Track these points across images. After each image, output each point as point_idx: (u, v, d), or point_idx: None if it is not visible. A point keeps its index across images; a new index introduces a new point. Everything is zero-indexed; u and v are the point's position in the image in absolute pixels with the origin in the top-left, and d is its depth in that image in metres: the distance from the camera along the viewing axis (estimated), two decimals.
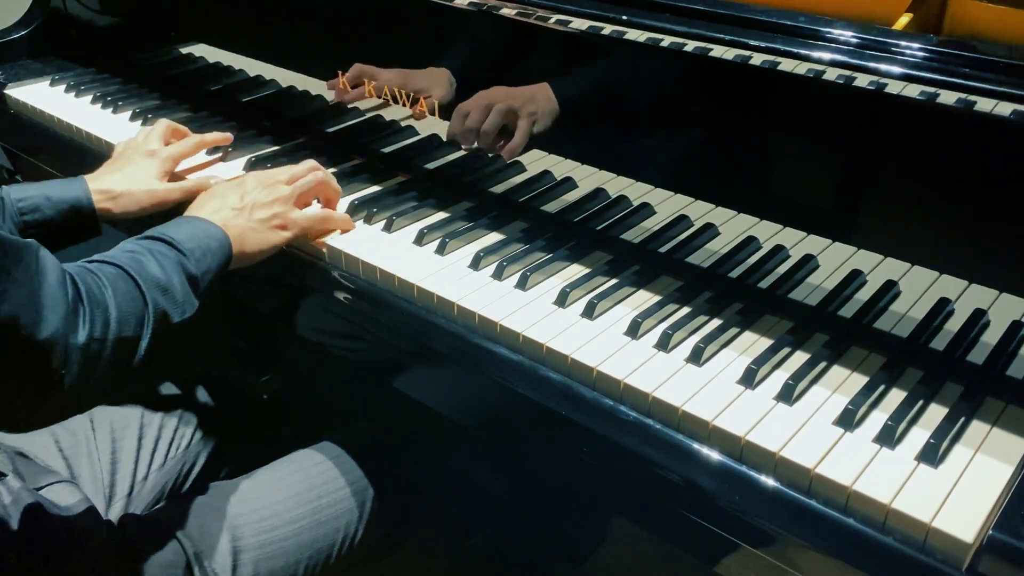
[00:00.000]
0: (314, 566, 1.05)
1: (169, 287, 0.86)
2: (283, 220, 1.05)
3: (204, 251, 0.93)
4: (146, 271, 0.86)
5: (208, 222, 0.98)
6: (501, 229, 1.11)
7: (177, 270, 0.89)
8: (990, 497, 0.71)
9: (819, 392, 0.83)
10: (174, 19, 1.66)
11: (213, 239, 0.96)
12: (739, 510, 0.77)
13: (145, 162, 1.20)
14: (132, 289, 0.83)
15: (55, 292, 0.75)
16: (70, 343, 0.75)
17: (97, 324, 0.78)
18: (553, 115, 1.15)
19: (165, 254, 0.89)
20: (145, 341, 0.82)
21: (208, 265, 0.93)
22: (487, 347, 0.93)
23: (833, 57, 0.89)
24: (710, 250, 1.04)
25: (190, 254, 0.91)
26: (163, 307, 0.85)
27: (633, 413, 0.84)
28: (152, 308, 0.84)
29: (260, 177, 1.08)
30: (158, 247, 0.90)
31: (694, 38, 0.98)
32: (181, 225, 0.96)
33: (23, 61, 1.72)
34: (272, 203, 1.04)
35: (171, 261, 0.89)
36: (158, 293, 0.85)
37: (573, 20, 1.06)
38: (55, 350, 0.74)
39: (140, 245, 0.90)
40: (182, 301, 0.87)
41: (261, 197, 1.04)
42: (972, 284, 0.91)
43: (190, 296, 0.89)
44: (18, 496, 0.93)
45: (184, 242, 0.92)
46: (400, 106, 1.30)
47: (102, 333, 0.78)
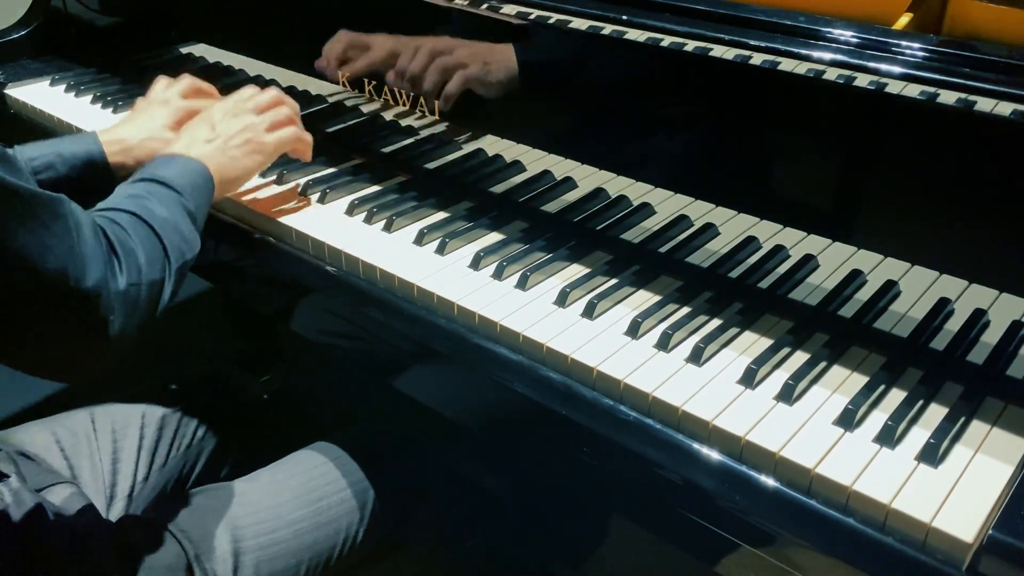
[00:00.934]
0: (315, 567, 1.05)
1: (178, 226, 0.90)
2: (257, 144, 1.07)
3: (193, 187, 0.97)
4: (155, 214, 0.89)
5: (188, 158, 1.01)
6: (501, 229, 1.10)
7: (179, 209, 0.92)
8: (990, 497, 0.71)
9: (819, 392, 0.83)
10: (174, 19, 1.66)
11: (197, 174, 0.99)
12: (739, 510, 0.77)
13: (158, 111, 1.20)
14: (150, 233, 0.87)
15: (92, 243, 0.77)
16: (112, 290, 0.78)
17: (132, 271, 0.81)
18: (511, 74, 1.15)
19: (164, 195, 0.92)
20: (169, 282, 0.87)
21: (199, 200, 0.97)
22: (487, 347, 0.93)
23: (833, 57, 0.89)
24: (710, 250, 1.04)
25: (184, 191, 0.95)
26: (178, 246, 0.89)
27: (633, 413, 0.84)
28: (170, 249, 0.88)
29: (224, 107, 1.10)
30: (156, 189, 0.93)
31: (694, 38, 0.98)
32: (168, 164, 0.99)
33: (23, 61, 1.72)
34: (243, 130, 1.07)
35: (172, 201, 0.92)
36: (171, 233, 0.89)
37: (573, 20, 1.06)
38: (101, 298, 0.77)
39: (139, 189, 0.93)
40: (190, 237, 0.92)
41: (232, 125, 1.07)
42: (972, 284, 0.91)
43: (194, 232, 0.93)
44: (20, 499, 0.93)
45: (175, 180, 0.95)
46: (400, 106, 1.30)
47: (137, 278, 0.82)
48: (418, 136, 1.30)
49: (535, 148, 1.20)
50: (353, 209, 1.14)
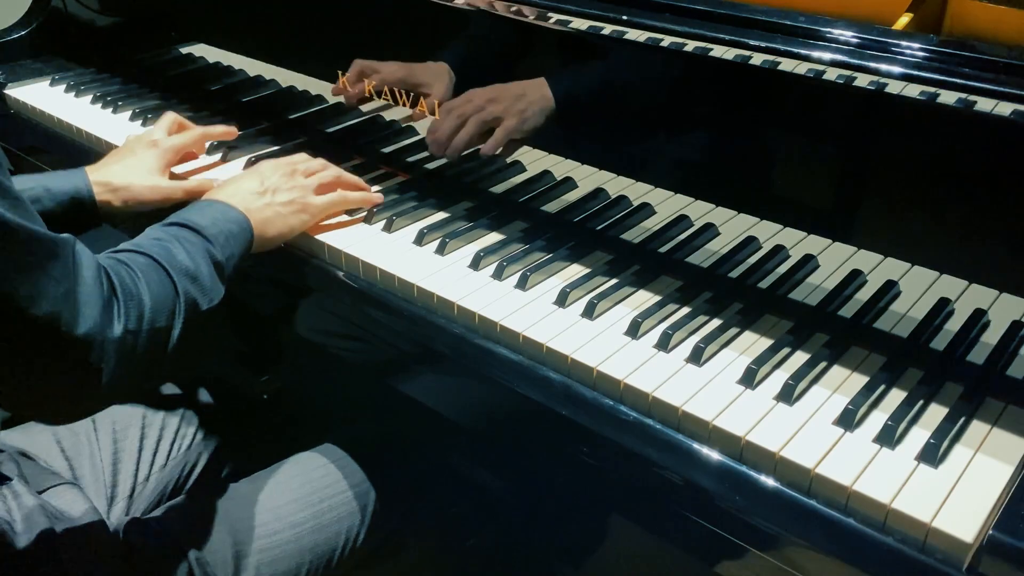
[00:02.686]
0: (316, 569, 1.05)
1: (198, 275, 0.87)
2: (303, 204, 1.06)
3: (227, 236, 0.94)
4: (175, 260, 0.86)
5: (228, 206, 0.98)
6: (501, 229, 1.10)
7: (204, 257, 0.89)
8: (990, 497, 0.71)
9: (819, 392, 0.83)
10: (174, 19, 1.66)
11: (235, 223, 0.96)
12: (739, 510, 0.77)
13: (146, 153, 1.20)
14: (164, 279, 0.84)
15: (91, 288, 0.75)
16: (107, 338, 0.76)
17: (132, 317, 0.79)
18: (547, 112, 1.14)
19: (191, 241, 0.90)
20: (177, 330, 0.83)
21: (232, 250, 0.94)
22: (487, 347, 0.93)
23: (833, 57, 0.89)
24: (710, 250, 1.04)
25: (214, 240, 0.92)
26: (193, 295, 0.86)
27: (633, 413, 0.84)
28: (183, 297, 0.84)
29: (276, 164, 1.09)
30: (184, 234, 0.91)
31: (694, 38, 0.98)
32: (204, 210, 0.96)
33: (23, 61, 1.72)
34: (292, 188, 1.06)
35: (198, 248, 0.89)
36: (188, 282, 0.86)
37: (573, 20, 1.06)
38: (93, 346, 0.74)
39: (166, 232, 0.91)
40: (210, 288, 0.88)
41: (281, 183, 1.06)
42: (972, 284, 0.91)
43: (217, 283, 0.90)
44: (22, 503, 0.93)
45: (208, 228, 0.92)
46: (400, 106, 1.30)
47: (136, 326, 0.79)
48: (418, 136, 1.30)
49: (535, 148, 1.20)
50: (353, 211, 1.14)
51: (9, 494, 0.93)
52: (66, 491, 1.00)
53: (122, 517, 1.07)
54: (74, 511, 0.97)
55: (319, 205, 1.08)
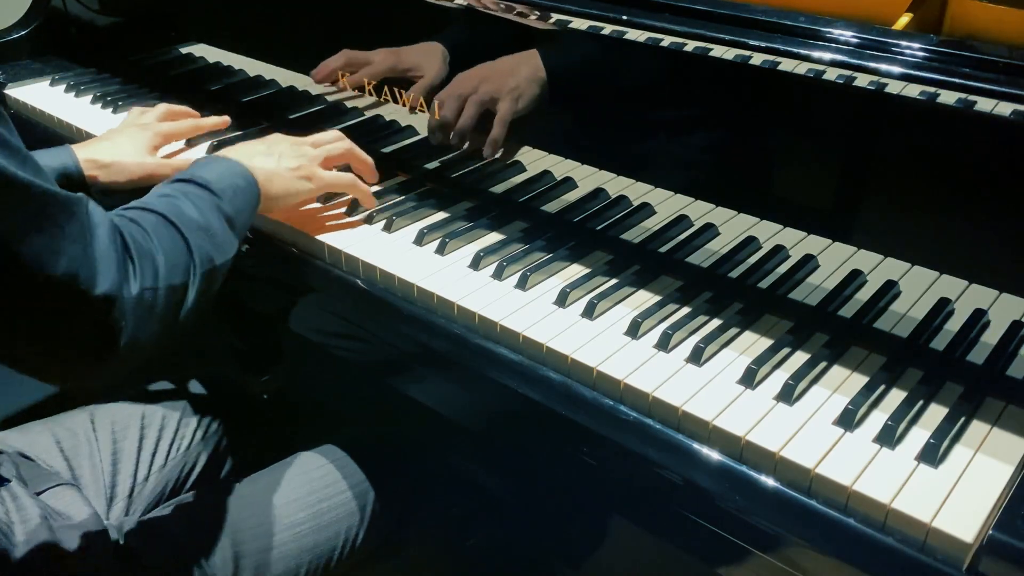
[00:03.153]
0: (315, 569, 1.05)
1: (209, 228, 0.87)
2: (309, 172, 1.06)
3: (235, 191, 0.94)
4: (185, 215, 0.85)
5: (235, 161, 0.98)
6: (501, 229, 1.10)
7: (214, 211, 0.89)
8: (990, 497, 0.71)
9: (819, 392, 0.83)
10: (174, 19, 1.66)
11: (241, 178, 0.96)
12: (739, 510, 0.77)
13: (135, 133, 1.22)
14: (175, 236, 0.83)
15: (107, 246, 0.74)
16: (125, 296, 0.75)
17: (147, 275, 0.78)
18: (540, 85, 1.13)
19: (200, 196, 0.89)
20: (194, 287, 0.83)
21: (240, 205, 0.93)
22: (487, 347, 0.93)
23: (833, 57, 0.89)
24: (710, 250, 1.04)
25: (222, 194, 0.91)
26: (207, 250, 0.85)
27: (633, 413, 0.84)
28: (197, 253, 0.84)
29: (285, 136, 1.10)
30: (192, 189, 0.90)
31: (694, 38, 0.97)
32: (210, 165, 0.96)
33: (23, 61, 1.72)
34: (298, 156, 1.06)
35: (207, 203, 0.89)
36: (200, 236, 0.85)
37: (573, 20, 1.06)
38: (113, 304, 0.74)
39: (173, 188, 0.90)
40: (223, 242, 0.88)
41: (288, 150, 1.06)
42: (972, 284, 0.91)
43: (230, 236, 0.89)
44: (21, 504, 0.93)
45: (215, 182, 0.92)
46: (400, 106, 1.30)
47: (152, 283, 0.78)
48: (418, 136, 1.30)
49: (535, 148, 1.20)
50: (353, 209, 1.14)
51: (8, 496, 0.93)
52: (65, 492, 1.00)
53: (121, 517, 1.07)
54: (73, 512, 0.97)
55: (324, 177, 1.07)
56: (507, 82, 1.14)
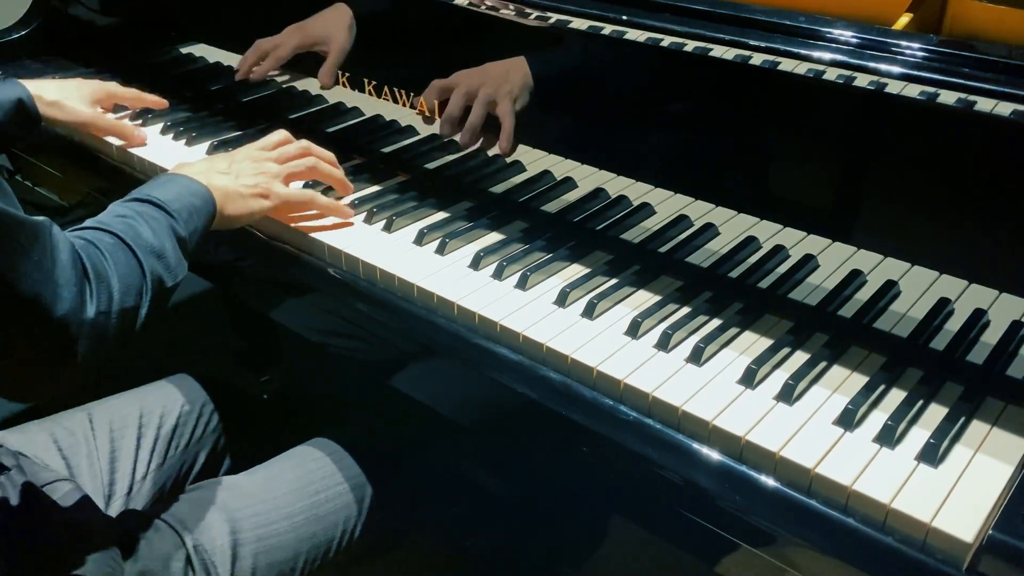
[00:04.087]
0: (313, 560, 1.05)
1: (163, 252, 0.88)
2: (266, 189, 1.06)
3: (191, 211, 0.95)
4: (141, 238, 0.87)
5: (192, 179, 1.00)
6: (501, 229, 1.11)
7: (168, 234, 0.91)
8: (990, 497, 0.71)
9: (819, 392, 0.83)
10: (174, 19, 1.66)
11: (197, 197, 0.98)
12: (739, 510, 0.77)
13: (83, 83, 1.33)
14: (130, 259, 0.85)
15: (68, 269, 0.77)
16: (83, 319, 0.77)
17: (103, 298, 0.80)
18: (529, 89, 1.14)
19: (156, 218, 0.91)
20: (144, 309, 0.85)
21: (195, 225, 0.95)
22: (487, 347, 0.93)
23: (833, 57, 0.89)
24: (710, 250, 1.04)
25: (177, 215, 0.93)
26: (159, 273, 0.87)
27: (633, 413, 0.84)
28: (149, 276, 0.86)
29: (249, 150, 1.10)
30: (148, 210, 0.92)
31: (694, 38, 0.98)
32: (166, 185, 0.98)
33: (23, 61, 1.72)
34: (259, 173, 1.07)
35: (162, 225, 0.91)
36: (154, 260, 0.87)
37: (573, 20, 1.06)
38: (70, 327, 0.76)
39: (130, 208, 0.92)
40: (175, 265, 0.90)
41: (248, 167, 1.07)
42: (972, 284, 0.91)
43: (181, 259, 0.91)
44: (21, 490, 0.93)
45: (171, 203, 0.94)
46: (400, 106, 1.30)
47: (107, 306, 0.80)
48: (418, 136, 1.30)
49: (535, 148, 1.20)
50: (353, 209, 1.14)
51: (7, 483, 0.93)
52: (63, 486, 1.00)
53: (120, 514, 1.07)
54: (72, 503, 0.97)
55: (282, 195, 1.08)
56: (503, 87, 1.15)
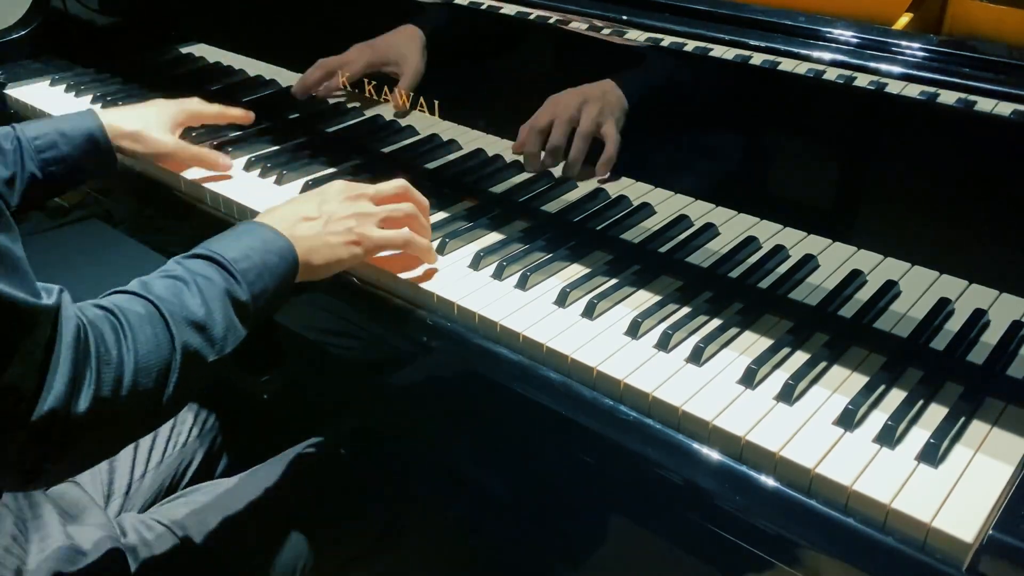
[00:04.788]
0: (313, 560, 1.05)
1: (207, 323, 0.79)
2: (358, 235, 0.96)
3: (261, 270, 0.86)
4: (183, 306, 0.78)
5: (273, 231, 0.90)
6: (501, 229, 1.10)
7: (221, 300, 0.81)
8: (990, 497, 0.71)
9: (819, 392, 0.83)
10: (174, 19, 1.66)
11: (274, 253, 0.88)
12: (739, 510, 0.77)
13: (162, 106, 1.25)
14: (160, 333, 0.76)
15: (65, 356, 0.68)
16: (72, 412, 0.68)
17: (105, 386, 0.70)
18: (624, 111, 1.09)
19: (211, 280, 0.82)
20: (169, 389, 0.76)
21: (264, 285, 0.86)
22: (487, 347, 0.93)
23: (833, 57, 0.89)
24: (710, 250, 1.04)
25: (242, 276, 0.84)
26: (194, 348, 0.78)
27: (633, 413, 0.84)
28: (180, 353, 0.76)
29: (343, 187, 1.00)
30: (206, 271, 0.83)
31: (694, 38, 0.98)
32: (241, 237, 0.88)
33: (23, 61, 1.72)
34: (351, 216, 0.96)
35: (215, 290, 0.81)
36: (192, 333, 0.78)
37: (573, 20, 1.06)
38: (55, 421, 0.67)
39: (185, 268, 0.83)
40: (221, 337, 0.80)
41: (340, 209, 0.96)
42: (972, 284, 0.91)
43: (234, 326, 0.82)
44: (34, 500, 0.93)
45: (237, 261, 0.84)
46: (400, 106, 1.30)
47: (111, 392, 0.71)
48: (418, 136, 1.30)
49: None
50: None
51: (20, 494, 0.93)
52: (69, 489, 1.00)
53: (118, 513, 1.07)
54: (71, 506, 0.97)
55: (375, 239, 0.97)
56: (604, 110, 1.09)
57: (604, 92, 1.09)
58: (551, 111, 1.13)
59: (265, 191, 1.20)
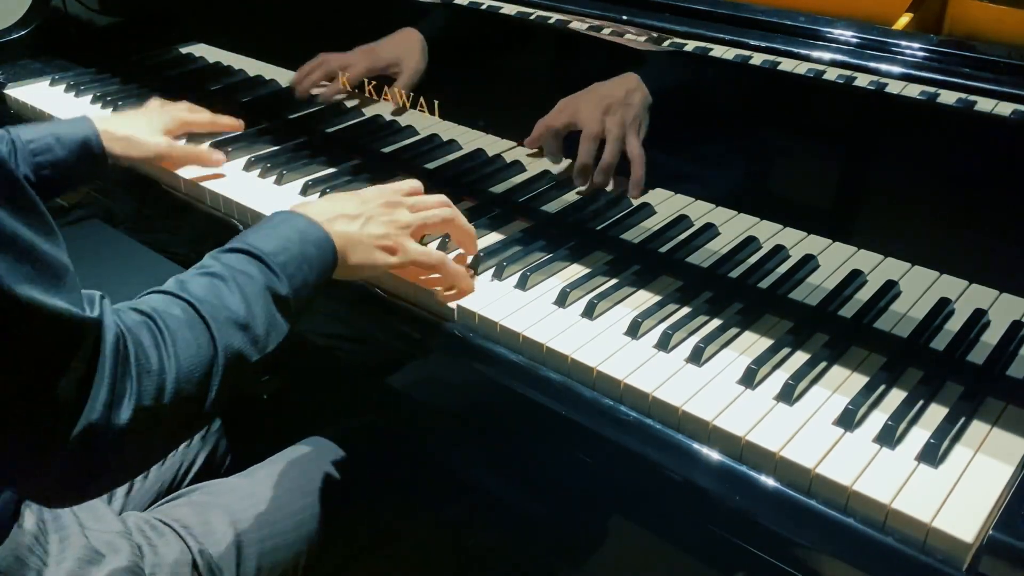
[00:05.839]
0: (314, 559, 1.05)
1: (249, 322, 0.77)
2: (395, 242, 0.94)
3: (300, 261, 0.84)
4: (223, 306, 0.76)
5: (312, 222, 0.88)
6: (501, 229, 1.10)
7: (262, 296, 0.79)
8: (990, 497, 0.71)
9: (819, 392, 0.83)
10: (174, 19, 1.66)
11: (313, 244, 0.86)
12: (739, 510, 0.77)
13: (152, 113, 1.27)
14: (200, 336, 0.74)
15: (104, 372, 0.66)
16: (112, 424, 0.66)
17: (147, 394, 0.69)
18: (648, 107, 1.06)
19: (250, 276, 0.80)
20: (212, 393, 0.74)
21: (304, 278, 0.84)
22: (487, 347, 0.93)
23: (833, 57, 0.89)
24: (710, 250, 1.04)
25: (281, 269, 0.82)
26: (237, 348, 0.76)
27: (633, 413, 0.84)
28: (222, 355, 0.74)
29: (383, 190, 0.98)
30: (243, 265, 0.81)
31: (694, 38, 0.98)
32: (277, 228, 0.86)
33: (23, 61, 1.72)
34: (390, 222, 0.95)
35: (255, 286, 0.79)
36: (234, 332, 0.76)
37: (573, 20, 1.06)
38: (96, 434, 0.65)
39: (223, 265, 0.81)
40: (264, 335, 0.78)
41: (379, 213, 0.95)
42: (972, 284, 0.91)
43: (277, 323, 0.80)
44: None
45: (274, 255, 0.82)
46: (400, 106, 1.30)
47: (153, 402, 0.69)
48: (418, 136, 1.30)
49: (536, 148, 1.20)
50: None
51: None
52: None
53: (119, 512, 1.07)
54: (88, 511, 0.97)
55: (411, 252, 0.95)
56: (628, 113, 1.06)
57: (628, 92, 1.05)
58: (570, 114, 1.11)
59: (265, 191, 1.20)
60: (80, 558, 0.90)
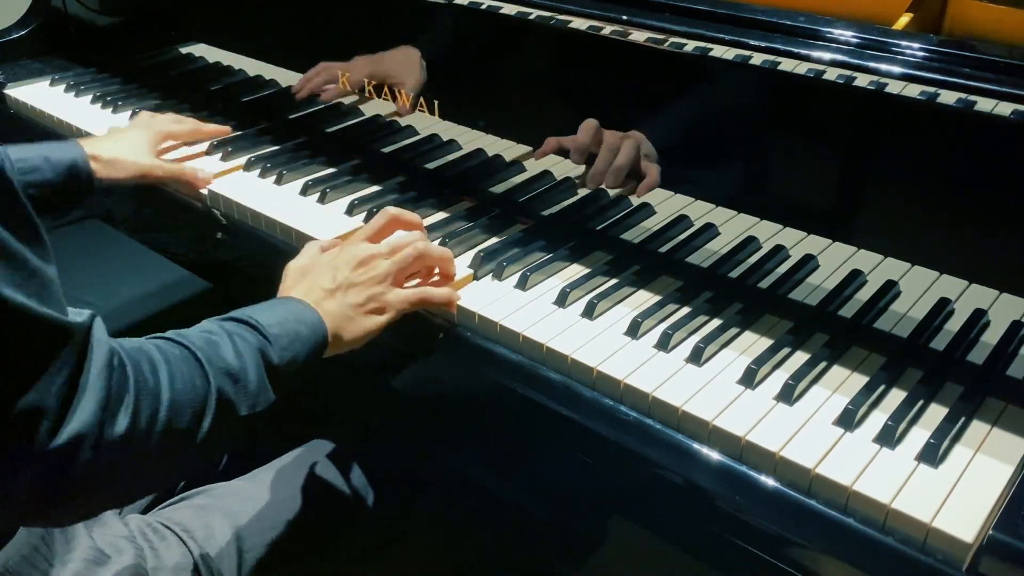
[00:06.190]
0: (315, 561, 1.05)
1: (241, 377, 0.78)
2: (379, 303, 0.94)
3: (292, 338, 0.85)
4: (218, 356, 0.78)
5: (303, 304, 0.90)
6: (501, 229, 1.10)
7: (255, 358, 0.81)
8: (990, 497, 0.71)
9: (819, 392, 0.83)
10: (174, 19, 1.66)
11: (305, 324, 0.88)
12: (739, 510, 0.77)
13: (135, 132, 1.28)
14: (196, 375, 0.75)
15: (95, 379, 0.65)
16: (104, 436, 0.65)
17: (143, 414, 0.69)
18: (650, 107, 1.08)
19: (245, 339, 0.81)
20: (205, 428, 0.74)
21: (295, 353, 0.85)
22: (487, 347, 0.93)
23: (833, 57, 0.89)
24: (710, 250, 1.04)
25: (275, 340, 0.83)
26: (229, 396, 0.77)
27: (633, 413, 0.84)
28: (215, 398, 0.75)
29: (352, 255, 0.97)
30: (239, 330, 0.82)
31: (694, 38, 0.97)
32: (273, 307, 0.88)
33: (23, 61, 1.72)
34: (367, 283, 0.95)
35: (250, 347, 0.81)
36: (227, 381, 0.77)
37: (573, 20, 1.06)
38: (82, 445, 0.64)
39: (220, 326, 0.83)
40: (254, 392, 0.79)
41: (355, 277, 0.95)
42: (972, 284, 0.91)
43: (265, 387, 0.81)
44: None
45: (270, 327, 0.84)
46: (400, 106, 1.30)
47: (147, 424, 0.69)
48: (418, 136, 1.30)
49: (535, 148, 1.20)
50: (353, 209, 1.14)
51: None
52: None
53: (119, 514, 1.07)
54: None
55: (397, 303, 0.95)
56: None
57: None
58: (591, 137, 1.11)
59: (265, 191, 1.20)
60: (86, 559, 0.90)
